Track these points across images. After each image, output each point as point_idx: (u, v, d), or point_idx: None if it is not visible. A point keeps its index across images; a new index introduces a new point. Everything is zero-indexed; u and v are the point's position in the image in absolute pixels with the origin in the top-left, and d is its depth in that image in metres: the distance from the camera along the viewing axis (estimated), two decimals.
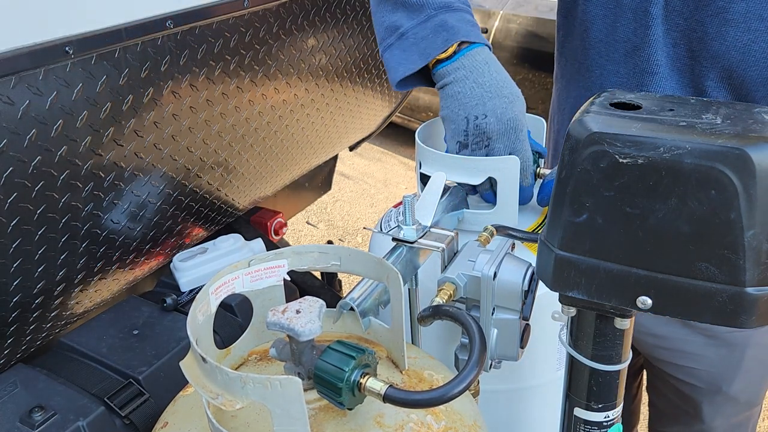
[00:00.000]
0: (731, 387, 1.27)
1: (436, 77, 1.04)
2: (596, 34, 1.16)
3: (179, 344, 1.13)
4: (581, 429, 0.82)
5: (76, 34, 0.86)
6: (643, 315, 1.22)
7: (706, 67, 1.06)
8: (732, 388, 1.27)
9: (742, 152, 0.58)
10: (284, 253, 0.84)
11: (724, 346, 1.22)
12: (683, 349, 1.25)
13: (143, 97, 0.97)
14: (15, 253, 0.90)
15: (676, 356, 1.27)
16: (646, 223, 0.63)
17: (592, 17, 1.15)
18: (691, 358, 1.26)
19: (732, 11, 1.00)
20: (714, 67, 1.05)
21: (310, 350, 0.71)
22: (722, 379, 1.26)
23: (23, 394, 0.99)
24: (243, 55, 1.11)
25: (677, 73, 1.09)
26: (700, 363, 1.25)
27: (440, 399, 0.66)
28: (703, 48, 1.05)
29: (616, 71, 1.14)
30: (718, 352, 1.23)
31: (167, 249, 1.28)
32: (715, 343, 1.22)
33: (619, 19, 1.11)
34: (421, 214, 0.97)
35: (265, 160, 1.37)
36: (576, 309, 0.75)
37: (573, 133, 0.66)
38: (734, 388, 1.27)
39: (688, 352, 1.25)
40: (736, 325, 0.63)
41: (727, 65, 1.04)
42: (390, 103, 1.77)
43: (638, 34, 1.09)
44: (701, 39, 1.04)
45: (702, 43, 1.04)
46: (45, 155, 0.87)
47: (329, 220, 4.08)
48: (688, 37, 1.05)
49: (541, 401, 1.14)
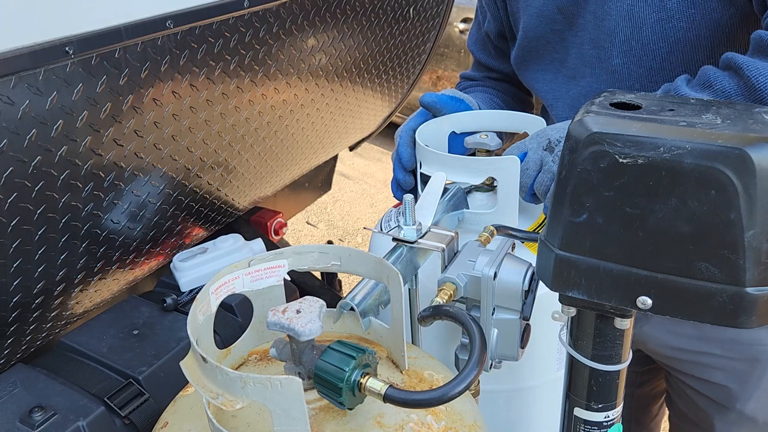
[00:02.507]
0: (747, 405, 1.21)
1: None
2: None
3: (179, 344, 1.13)
4: (581, 429, 0.82)
5: (76, 34, 0.86)
6: (657, 329, 1.23)
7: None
8: (748, 407, 1.21)
9: (742, 152, 0.58)
10: (284, 253, 0.84)
11: (744, 360, 1.18)
12: (700, 362, 1.22)
13: (143, 97, 0.97)
14: (15, 253, 0.90)
15: (693, 368, 1.24)
16: (646, 223, 0.63)
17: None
18: (707, 371, 1.23)
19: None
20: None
21: (311, 350, 0.71)
22: (737, 396, 1.22)
23: (23, 394, 0.99)
24: (243, 55, 1.11)
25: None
26: (717, 377, 1.22)
27: (440, 399, 0.66)
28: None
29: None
30: (737, 367, 1.19)
31: (167, 249, 1.28)
32: (735, 357, 1.19)
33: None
34: (421, 214, 0.97)
35: (265, 160, 1.37)
36: (576, 309, 0.75)
37: (573, 133, 0.66)
38: (750, 407, 1.21)
39: (704, 365, 1.22)
40: (736, 325, 0.63)
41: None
42: (390, 103, 1.77)
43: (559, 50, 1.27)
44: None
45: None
46: (45, 155, 0.87)
47: (329, 220, 4.08)
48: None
49: (541, 401, 1.14)
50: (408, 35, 1.57)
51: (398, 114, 1.89)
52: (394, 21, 1.47)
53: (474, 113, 1.26)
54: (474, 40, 1.50)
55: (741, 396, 1.21)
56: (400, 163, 1.20)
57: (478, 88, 1.48)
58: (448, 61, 4.26)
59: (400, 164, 1.20)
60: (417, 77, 1.78)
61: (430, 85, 4.35)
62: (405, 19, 1.51)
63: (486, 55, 1.48)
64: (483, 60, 1.49)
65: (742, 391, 1.21)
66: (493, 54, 1.46)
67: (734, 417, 1.24)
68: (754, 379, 1.19)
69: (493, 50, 1.45)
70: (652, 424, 1.65)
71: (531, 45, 1.29)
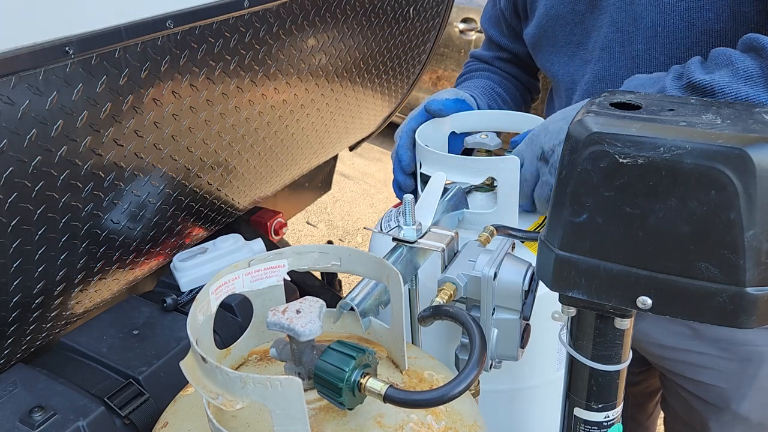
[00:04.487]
0: (741, 405, 1.20)
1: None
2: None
3: (179, 344, 1.13)
4: (581, 429, 0.82)
5: (76, 34, 0.86)
6: (651, 326, 1.22)
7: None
8: (742, 407, 1.21)
9: (742, 152, 0.58)
10: (284, 253, 0.84)
11: (737, 360, 1.17)
12: (693, 362, 1.22)
13: (143, 97, 0.97)
14: (15, 253, 0.90)
15: (686, 368, 1.24)
16: (646, 223, 0.63)
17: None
18: (701, 372, 1.22)
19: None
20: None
21: (311, 350, 0.71)
22: (732, 397, 1.21)
23: (23, 394, 0.99)
24: (243, 55, 1.11)
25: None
26: (710, 377, 1.21)
27: (440, 399, 0.66)
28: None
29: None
30: (730, 367, 1.18)
31: (167, 249, 1.28)
32: (728, 357, 1.18)
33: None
34: (421, 214, 0.97)
35: (265, 160, 1.37)
36: (576, 309, 0.75)
37: (573, 133, 0.66)
38: (744, 407, 1.20)
39: (697, 365, 1.21)
40: (736, 325, 0.62)
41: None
42: (390, 103, 1.77)
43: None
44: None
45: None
46: (45, 155, 0.87)
47: (329, 220, 4.08)
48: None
49: (541, 401, 1.14)
50: (408, 35, 1.57)
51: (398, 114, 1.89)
52: (394, 21, 1.47)
53: (474, 113, 1.26)
54: (488, 17, 1.50)
55: (735, 396, 1.21)
56: (399, 166, 1.20)
57: (482, 74, 1.47)
58: (448, 61, 4.26)
59: (399, 167, 1.20)
60: (417, 77, 1.78)
61: (430, 85, 4.35)
62: (405, 19, 1.52)
63: (499, 33, 1.48)
64: (495, 38, 1.48)
65: (736, 391, 1.20)
66: (506, 32, 1.46)
67: (729, 417, 1.23)
68: (747, 379, 1.18)
69: (506, 29, 1.45)
70: (648, 422, 1.65)
71: (549, 24, 1.28)
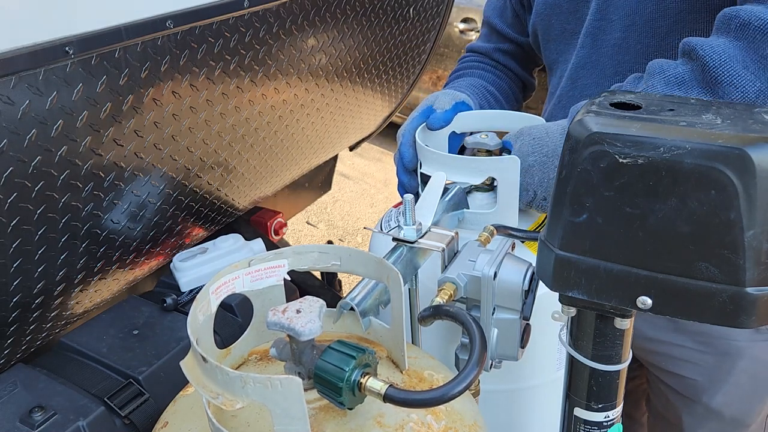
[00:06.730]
0: (713, 399, 1.21)
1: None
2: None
3: (179, 344, 1.13)
4: (581, 429, 0.82)
5: (76, 34, 0.86)
6: (637, 318, 1.22)
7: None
8: (714, 401, 1.21)
9: (742, 152, 0.58)
10: (284, 253, 0.84)
11: (713, 354, 1.18)
12: (673, 354, 1.22)
13: (143, 97, 0.97)
14: (15, 253, 0.90)
15: (667, 362, 1.24)
16: (646, 223, 0.63)
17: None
18: (678, 364, 1.22)
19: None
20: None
21: (311, 350, 0.71)
22: (705, 390, 1.21)
23: (23, 394, 0.99)
24: (243, 55, 1.11)
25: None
26: (687, 370, 1.21)
27: (440, 399, 0.66)
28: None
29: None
30: (705, 360, 1.19)
31: (167, 249, 1.28)
32: (705, 350, 1.18)
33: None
34: (421, 214, 0.97)
35: (265, 160, 1.37)
36: (576, 309, 0.75)
37: (573, 133, 0.66)
38: (717, 401, 1.21)
39: (675, 357, 1.22)
40: (736, 325, 0.63)
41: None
42: (390, 103, 1.77)
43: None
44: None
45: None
46: (45, 155, 0.87)
47: (329, 220, 4.08)
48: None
49: (541, 401, 1.14)
50: (408, 35, 1.57)
51: (398, 114, 1.89)
52: (394, 21, 1.47)
53: (474, 113, 1.26)
54: (493, 6, 1.51)
55: (708, 389, 1.21)
56: (402, 165, 1.19)
57: (475, 72, 1.48)
58: (448, 61, 4.26)
59: (402, 166, 1.20)
60: (417, 77, 1.78)
61: (430, 85, 4.35)
62: (405, 19, 1.52)
63: (502, 21, 1.49)
64: (498, 26, 1.49)
65: (710, 384, 1.20)
66: (510, 21, 1.47)
67: (701, 410, 1.23)
68: (723, 373, 1.19)
69: (512, 17, 1.46)
70: (644, 418, 1.65)
71: (547, 13, 1.30)
